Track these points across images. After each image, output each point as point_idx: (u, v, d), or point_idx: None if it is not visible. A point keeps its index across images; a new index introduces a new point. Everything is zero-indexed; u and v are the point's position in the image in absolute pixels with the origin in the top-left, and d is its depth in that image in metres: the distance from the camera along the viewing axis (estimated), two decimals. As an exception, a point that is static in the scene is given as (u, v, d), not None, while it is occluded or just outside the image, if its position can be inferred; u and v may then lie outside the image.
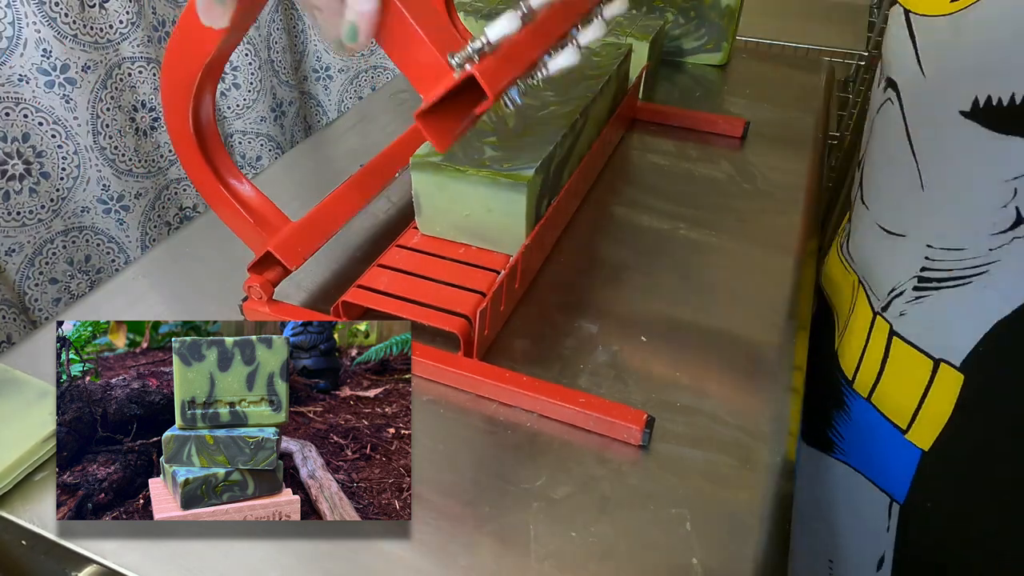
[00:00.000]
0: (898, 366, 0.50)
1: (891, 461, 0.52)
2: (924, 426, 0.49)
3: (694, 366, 0.50)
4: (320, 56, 1.15)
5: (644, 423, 0.43)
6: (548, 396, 0.45)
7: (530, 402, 0.46)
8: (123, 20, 0.81)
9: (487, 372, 0.47)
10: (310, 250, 0.53)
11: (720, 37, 0.93)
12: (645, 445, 0.44)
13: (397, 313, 0.49)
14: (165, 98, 0.44)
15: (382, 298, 0.50)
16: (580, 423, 0.45)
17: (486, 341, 0.50)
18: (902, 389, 0.50)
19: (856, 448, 0.56)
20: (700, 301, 0.56)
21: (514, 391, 0.46)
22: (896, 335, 0.49)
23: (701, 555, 0.38)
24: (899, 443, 0.51)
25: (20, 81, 0.73)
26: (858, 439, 0.56)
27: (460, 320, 0.48)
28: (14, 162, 0.75)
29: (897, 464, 0.52)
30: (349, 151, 0.75)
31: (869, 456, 0.55)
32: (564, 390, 0.46)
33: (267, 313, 0.52)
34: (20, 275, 0.79)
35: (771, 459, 0.44)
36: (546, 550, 0.38)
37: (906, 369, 0.49)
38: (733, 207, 0.67)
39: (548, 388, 0.46)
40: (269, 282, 0.51)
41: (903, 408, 0.50)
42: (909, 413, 0.50)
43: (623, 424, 0.43)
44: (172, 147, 0.92)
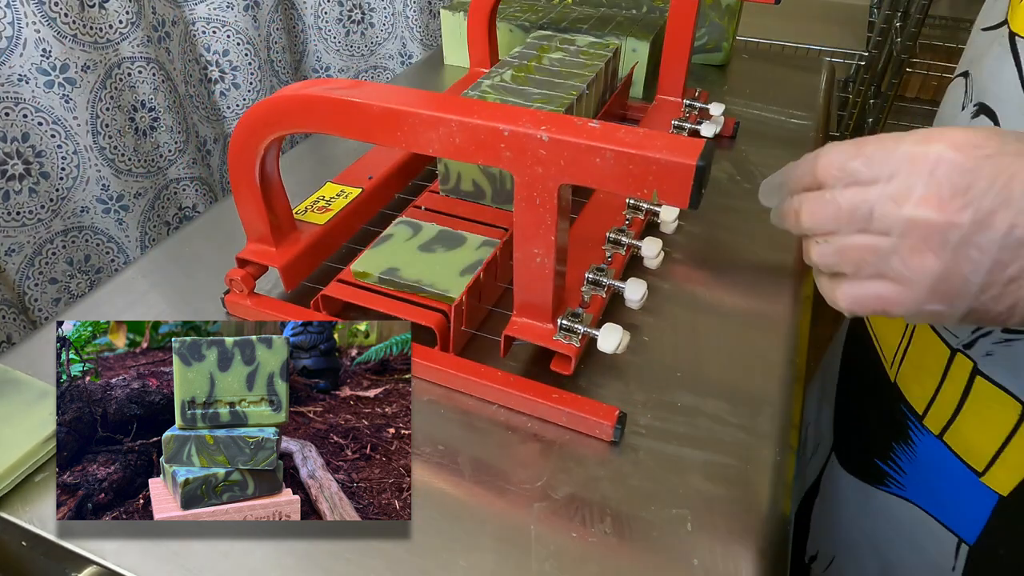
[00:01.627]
0: (980, 407, 0.46)
1: (962, 502, 0.49)
2: (1004, 471, 0.45)
3: (695, 366, 0.50)
4: (320, 56, 1.15)
5: (616, 419, 0.43)
6: (521, 391, 0.45)
7: (503, 397, 0.46)
8: (123, 20, 0.81)
9: (461, 366, 0.47)
10: (310, 272, 0.54)
11: (720, 37, 0.93)
12: (616, 441, 0.44)
13: (375, 307, 0.49)
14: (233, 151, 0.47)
15: (361, 292, 0.50)
16: (553, 418, 0.45)
17: (464, 336, 0.50)
18: (982, 431, 0.46)
19: (920, 485, 0.52)
20: (700, 300, 0.56)
21: (487, 386, 0.46)
22: (980, 374, 0.44)
23: (701, 555, 0.38)
24: (973, 485, 0.47)
25: (20, 81, 0.73)
26: (924, 476, 0.51)
27: (436, 315, 0.48)
28: (14, 162, 0.75)
29: (968, 506, 0.48)
30: (349, 151, 0.75)
31: (935, 494, 0.51)
32: (537, 385, 0.46)
33: (248, 307, 0.52)
34: (20, 275, 0.79)
35: (772, 459, 0.44)
36: (546, 550, 0.38)
37: (989, 411, 0.45)
38: (733, 207, 0.67)
39: (521, 383, 0.46)
40: (250, 275, 0.52)
41: (981, 450, 0.46)
42: (988, 456, 0.46)
43: (594, 420, 0.44)
44: (172, 147, 0.92)
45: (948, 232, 0.29)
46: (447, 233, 0.55)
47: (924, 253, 0.30)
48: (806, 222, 0.34)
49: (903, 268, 0.31)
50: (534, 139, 0.36)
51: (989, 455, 0.45)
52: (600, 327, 0.44)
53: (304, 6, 1.09)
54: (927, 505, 0.52)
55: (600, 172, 0.35)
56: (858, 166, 0.31)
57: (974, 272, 0.29)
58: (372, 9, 1.13)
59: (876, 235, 0.31)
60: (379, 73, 1.19)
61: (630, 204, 0.57)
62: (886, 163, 0.31)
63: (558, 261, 0.42)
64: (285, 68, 1.08)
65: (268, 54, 1.03)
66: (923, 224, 0.29)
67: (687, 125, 0.70)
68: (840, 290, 0.34)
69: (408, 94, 0.40)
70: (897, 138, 0.31)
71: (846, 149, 0.33)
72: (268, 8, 1.01)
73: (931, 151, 0.29)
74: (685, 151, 0.34)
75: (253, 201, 0.49)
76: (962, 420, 0.46)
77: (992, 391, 0.43)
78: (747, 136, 0.79)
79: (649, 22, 0.86)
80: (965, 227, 0.29)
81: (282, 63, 1.07)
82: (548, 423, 0.45)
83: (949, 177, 0.29)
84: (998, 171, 0.28)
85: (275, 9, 1.02)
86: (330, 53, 1.14)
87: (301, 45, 1.13)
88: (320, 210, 0.57)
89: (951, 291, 0.30)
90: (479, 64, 0.81)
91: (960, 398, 0.46)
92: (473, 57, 0.81)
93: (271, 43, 1.04)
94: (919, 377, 0.49)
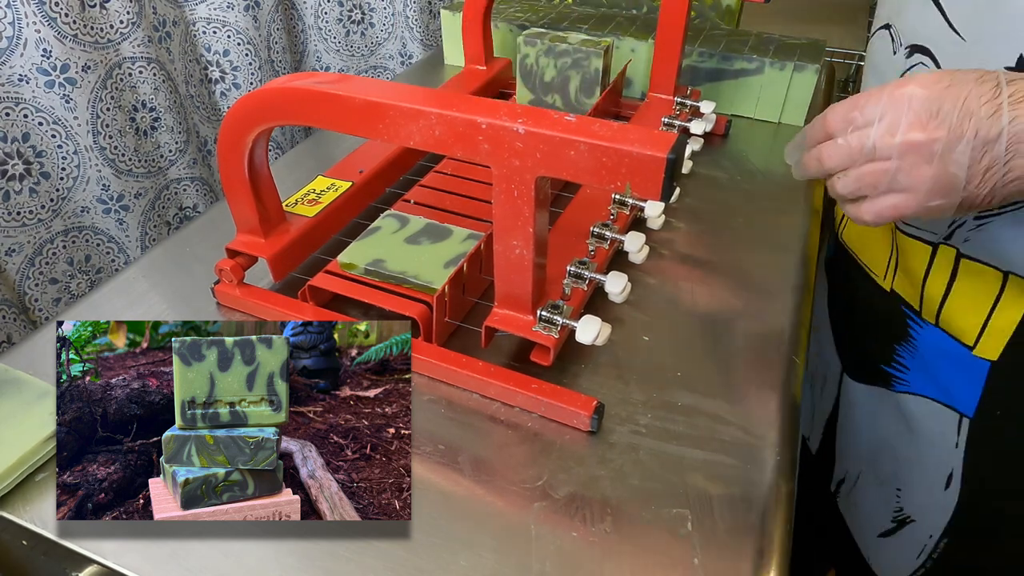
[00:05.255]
0: (966, 284, 0.52)
1: (959, 378, 0.55)
2: (992, 338, 0.52)
3: (696, 365, 0.50)
4: (320, 56, 1.15)
5: (593, 409, 0.44)
6: (501, 381, 0.46)
7: (484, 387, 0.47)
8: (123, 20, 0.81)
9: (443, 356, 0.48)
10: (298, 264, 0.55)
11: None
12: (595, 431, 0.44)
13: (360, 298, 0.50)
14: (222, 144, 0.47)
15: (348, 283, 0.51)
16: (532, 408, 0.46)
17: (448, 327, 0.50)
18: (969, 306, 0.52)
19: (922, 374, 0.58)
20: (701, 300, 0.56)
21: (468, 375, 0.47)
22: (964, 256, 0.52)
23: (701, 555, 0.38)
24: (967, 359, 0.54)
25: (20, 81, 0.73)
26: (924, 365, 0.58)
27: (420, 306, 0.48)
28: (14, 162, 0.75)
29: (965, 380, 0.54)
30: (349, 151, 0.75)
31: (936, 378, 0.57)
32: (518, 376, 0.46)
33: (237, 296, 0.53)
34: (20, 275, 0.79)
35: (772, 458, 0.44)
36: (546, 550, 0.38)
37: (975, 285, 0.52)
38: (733, 206, 0.67)
39: (501, 373, 0.46)
40: (240, 266, 0.52)
41: (970, 325, 0.53)
42: (976, 329, 0.52)
43: (572, 410, 0.44)
44: (172, 147, 0.92)
45: (933, 146, 0.37)
46: (433, 226, 0.55)
47: (920, 166, 0.38)
48: (827, 163, 0.42)
49: (907, 180, 0.39)
50: (511, 132, 0.37)
51: (978, 327, 0.52)
52: (581, 319, 0.45)
53: (304, 6, 1.09)
54: (930, 391, 0.58)
55: (575, 165, 0.36)
56: (856, 115, 0.40)
57: (959, 168, 0.37)
58: (372, 9, 1.13)
59: (881, 161, 0.39)
60: (379, 73, 1.19)
61: (615, 199, 0.57)
62: (876, 108, 0.39)
63: (537, 253, 0.42)
64: (285, 68, 1.08)
65: (268, 54, 1.03)
66: (914, 145, 0.38)
67: (677, 122, 0.70)
68: (862, 208, 0.42)
69: (390, 88, 0.41)
70: (880, 88, 0.40)
71: (845, 104, 0.41)
72: (268, 8, 1.01)
73: (906, 91, 0.38)
74: (656, 144, 0.35)
75: (242, 192, 0.49)
76: (952, 301, 0.54)
77: (976, 267, 0.51)
78: (747, 136, 0.79)
79: (649, 22, 0.86)
80: (944, 139, 0.37)
81: (282, 63, 1.07)
82: (549, 422, 0.45)
83: (924, 106, 0.38)
84: (956, 95, 0.37)
85: (275, 9, 1.02)
86: (330, 53, 1.14)
87: (301, 45, 1.13)
88: (310, 203, 0.57)
89: (945, 188, 0.38)
90: (473, 61, 0.82)
91: (948, 282, 0.53)
92: (468, 54, 0.81)
93: (271, 43, 1.04)
94: (911, 279, 0.57)
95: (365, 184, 0.61)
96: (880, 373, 0.62)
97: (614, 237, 0.53)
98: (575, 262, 0.49)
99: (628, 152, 0.35)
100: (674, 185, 0.36)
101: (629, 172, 0.35)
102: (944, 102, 0.37)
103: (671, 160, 0.34)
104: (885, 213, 0.41)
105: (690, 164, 0.70)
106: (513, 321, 0.46)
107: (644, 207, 0.57)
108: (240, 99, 0.44)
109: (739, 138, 0.78)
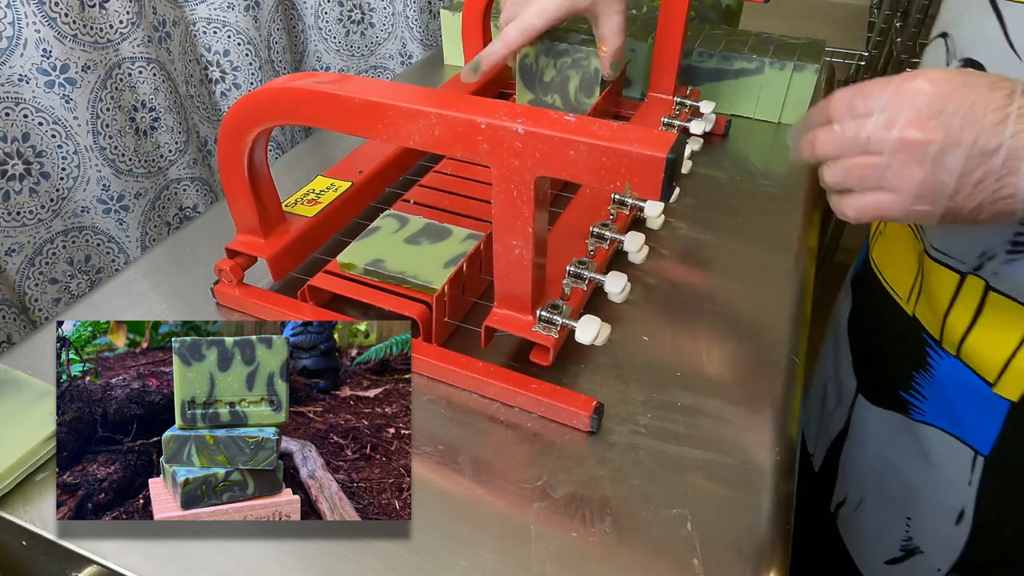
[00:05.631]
0: (992, 318, 0.50)
1: (977, 415, 0.52)
2: (1015, 376, 0.49)
3: (696, 365, 0.50)
4: (320, 56, 1.15)
5: (593, 409, 0.44)
6: (501, 381, 0.46)
7: (484, 387, 0.47)
8: (123, 20, 0.81)
9: (442, 356, 0.48)
10: (298, 264, 0.55)
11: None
12: (594, 431, 0.44)
13: (360, 298, 0.50)
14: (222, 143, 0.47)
15: (347, 283, 0.51)
16: (532, 408, 0.46)
17: (447, 327, 0.50)
18: (994, 341, 0.50)
19: (939, 406, 0.56)
20: (701, 301, 0.56)
21: (468, 375, 0.47)
22: (992, 289, 0.49)
23: (701, 555, 0.38)
24: (986, 396, 0.51)
25: (20, 81, 0.73)
26: (941, 396, 0.56)
27: (419, 306, 0.48)
28: (14, 162, 0.75)
29: (983, 418, 0.52)
30: (348, 151, 0.75)
31: (952, 412, 0.55)
32: (517, 376, 0.46)
33: (236, 296, 0.53)
34: (20, 275, 0.79)
35: (772, 459, 0.44)
36: (546, 550, 0.38)
37: (1001, 321, 0.49)
38: (733, 206, 0.67)
39: (501, 373, 0.46)
40: (239, 266, 0.53)
41: (992, 361, 0.50)
42: (999, 365, 0.50)
43: (572, 410, 0.44)
44: (172, 147, 0.92)
45: (927, 147, 0.36)
46: (433, 226, 0.55)
47: (910, 166, 0.37)
48: (819, 149, 0.41)
49: (895, 179, 0.37)
50: (510, 132, 0.37)
51: (1001, 363, 0.50)
52: (580, 319, 0.45)
53: (304, 6, 1.09)
54: (946, 424, 0.55)
55: (574, 164, 0.36)
56: (860, 103, 0.38)
57: (949, 176, 0.36)
58: (372, 9, 1.13)
59: (873, 155, 0.38)
60: (379, 73, 1.19)
61: (615, 199, 0.57)
62: (880, 98, 0.37)
63: (536, 253, 0.42)
64: (286, 68, 1.08)
65: (269, 54, 1.03)
66: (908, 143, 0.36)
67: (677, 122, 0.70)
68: (846, 203, 0.40)
69: (390, 88, 0.41)
70: (888, 79, 0.38)
71: (851, 91, 0.39)
72: (268, 8, 1.01)
73: (914, 85, 0.37)
74: (656, 144, 0.35)
75: (242, 192, 0.49)
76: (975, 335, 0.51)
77: (1004, 302, 0.48)
78: (747, 136, 0.79)
79: (649, 22, 0.86)
80: (940, 142, 0.35)
81: (282, 63, 1.07)
82: (549, 423, 0.45)
83: (927, 104, 0.36)
84: (964, 98, 0.35)
85: (275, 9, 1.02)
86: (330, 53, 1.14)
87: (301, 45, 1.13)
88: (309, 203, 0.57)
89: (932, 194, 0.37)
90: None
91: (973, 315, 0.51)
92: (468, 54, 0.81)
93: (272, 43, 1.04)
94: (934, 307, 0.54)
95: (365, 184, 0.61)
96: (898, 399, 0.60)
97: (614, 237, 0.53)
98: (575, 262, 0.49)
99: (628, 152, 0.35)
100: (674, 185, 0.36)
101: (629, 172, 0.35)
102: (950, 103, 0.36)
103: (671, 160, 0.34)
104: (868, 210, 0.39)
105: (690, 164, 0.70)
106: (513, 321, 0.46)
107: (644, 207, 0.57)
108: (240, 99, 0.44)
109: (739, 138, 0.78)
